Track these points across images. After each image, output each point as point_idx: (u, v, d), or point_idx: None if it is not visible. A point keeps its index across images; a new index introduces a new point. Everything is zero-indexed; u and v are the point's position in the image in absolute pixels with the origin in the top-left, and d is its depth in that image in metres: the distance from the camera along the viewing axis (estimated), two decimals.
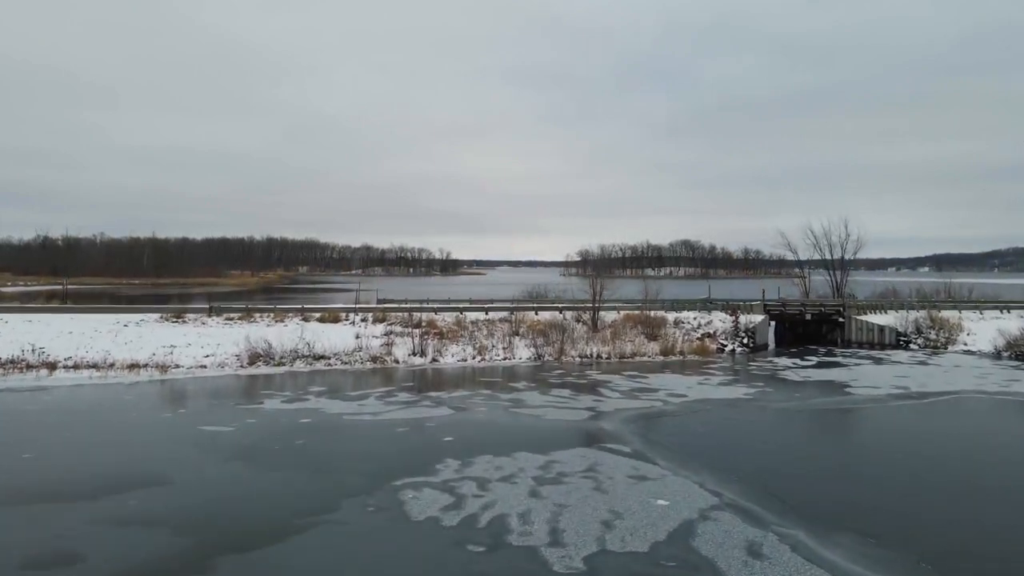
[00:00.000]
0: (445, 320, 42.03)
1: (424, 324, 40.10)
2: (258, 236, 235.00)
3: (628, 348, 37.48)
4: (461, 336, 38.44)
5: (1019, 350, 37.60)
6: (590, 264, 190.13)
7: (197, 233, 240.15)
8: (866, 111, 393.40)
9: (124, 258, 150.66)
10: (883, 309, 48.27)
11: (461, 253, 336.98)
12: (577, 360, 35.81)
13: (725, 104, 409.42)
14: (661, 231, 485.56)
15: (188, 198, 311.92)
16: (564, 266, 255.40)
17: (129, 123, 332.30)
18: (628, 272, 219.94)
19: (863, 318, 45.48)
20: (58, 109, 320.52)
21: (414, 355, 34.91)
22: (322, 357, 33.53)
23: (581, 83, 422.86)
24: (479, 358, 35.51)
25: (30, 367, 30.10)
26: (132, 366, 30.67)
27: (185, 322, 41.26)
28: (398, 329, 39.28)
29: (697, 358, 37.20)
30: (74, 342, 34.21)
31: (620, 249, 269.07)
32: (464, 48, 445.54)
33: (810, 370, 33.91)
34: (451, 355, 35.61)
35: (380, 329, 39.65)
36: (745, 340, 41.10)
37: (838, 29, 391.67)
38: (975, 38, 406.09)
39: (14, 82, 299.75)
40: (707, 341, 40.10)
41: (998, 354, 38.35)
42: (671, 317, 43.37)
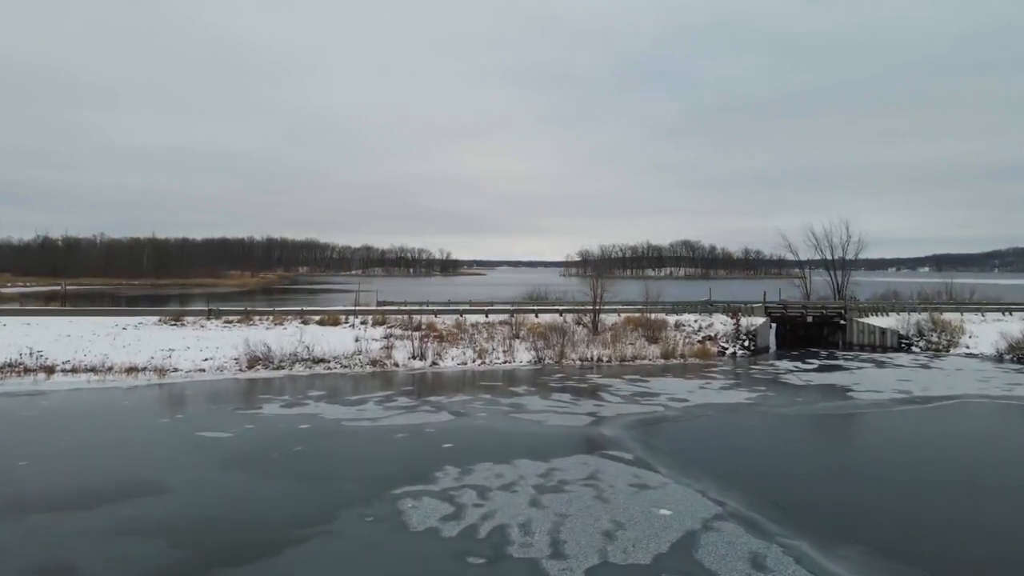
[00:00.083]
0: (445, 323, 41.87)
1: (424, 327, 39.94)
2: (258, 236, 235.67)
3: (629, 351, 37.32)
4: (461, 339, 38.28)
5: (1021, 353, 37.49)
6: (590, 264, 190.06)
7: (197, 233, 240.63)
8: (866, 111, 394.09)
9: (124, 259, 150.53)
10: (884, 311, 48.12)
11: (461, 253, 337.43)
12: (578, 363, 35.65)
13: (725, 104, 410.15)
14: (661, 231, 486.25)
15: (188, 198, 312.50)
16: (564, 266, 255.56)
17: (129, 123, 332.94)
18: (628, 272, 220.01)
19: (865, 320, 45.34)
20: (58, 109, 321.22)
21: (414, 358, 34.74)
22: (321, 360, 33.36)
23: (581, 83, 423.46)
24: (479, 361, 35.35)
25: (28, 371, 29.97)
26: (130, 370, 30.52)
27: (184, 325, 41.09)
28: (398, 332, 39.10)
29: (698, 361, 37.04)
30: (72, 345, 34.02)
31: (620, 249, 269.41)
32: (464, 48, 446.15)
33: (812, 374, 33.76)
34: (451, 358, 35.45)
35: (380, 332, 39.46)
36: (746, 343, 40.92)
37: (838, 29, 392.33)
38: (975, 38, 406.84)
39: (14, 82, 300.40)
40: (708, 344, 39.94)
41: (1000, 357, 38.22)
42: (672, 320, 43.21)
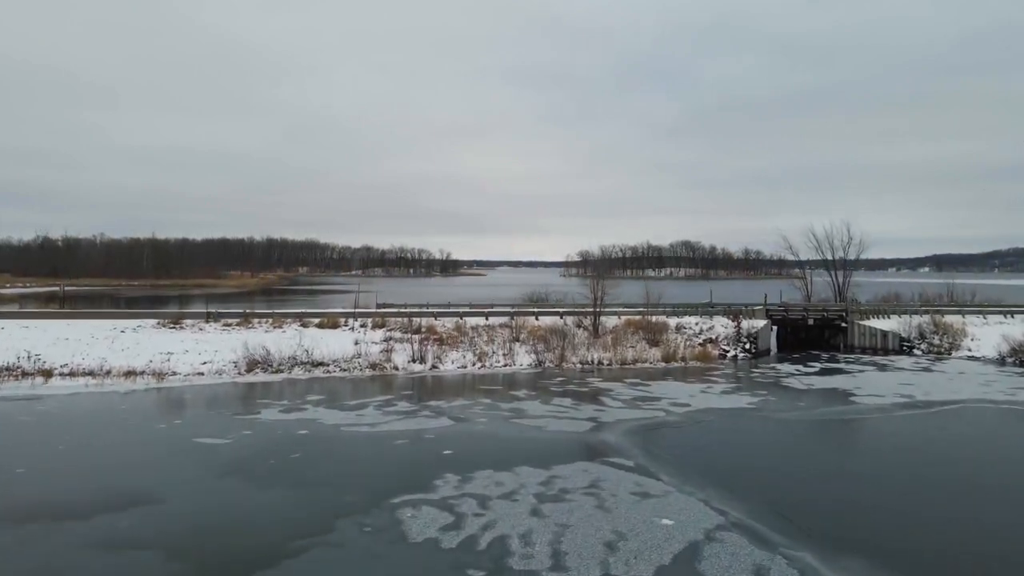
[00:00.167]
0: (445, 325, 41.69)
1: (424, 330, 39.75)
2: (258, 236, 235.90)
3: (630, 354, 37.15)
4: (461, 342, 38.11)
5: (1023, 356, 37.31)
6: (590, 265, 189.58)
7: (197, 233, 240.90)
8: (866, 111, 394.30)
9: (124, 259, 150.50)
10: (886, 314, 47.93)
11: (461, 253, 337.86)
12: (578, 367, 35.49)
13: (725, 104, 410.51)
14: (661, 231, 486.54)
15: (188, 198, 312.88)
16: (564, 267, 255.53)
17: (129, 123, 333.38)
18: (628, 273, 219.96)
19: (866, 323, 45.14)
20: (58, 109, 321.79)
21: (413, 362, 34.59)
22: (321, 364, 33.20)
23: (581, 83, 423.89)
24: (479, 365, 35.19)
25: (25, 374, 29.84)
26: (128, 373, 30.36)
27: (182, 328, 40.93)
28: (397, 335, 38.93)
29: (699, 364, 36.86)
30: (70, 348, 33.89)
31: (620, 250, 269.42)
32: (464, 48, 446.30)
33: (813, 377, 33.59)
34: (451, 362, 35.28)
35: (379, 335, 39.31)
36: (747, 346, 40.75)
37: (838, 29, 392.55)
38: (975, 38, 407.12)
39: (14, 82, 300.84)
40: (709, 347, 39.78)
41: (1002, 360, 38.05)
42: (673, 322, 43.04)
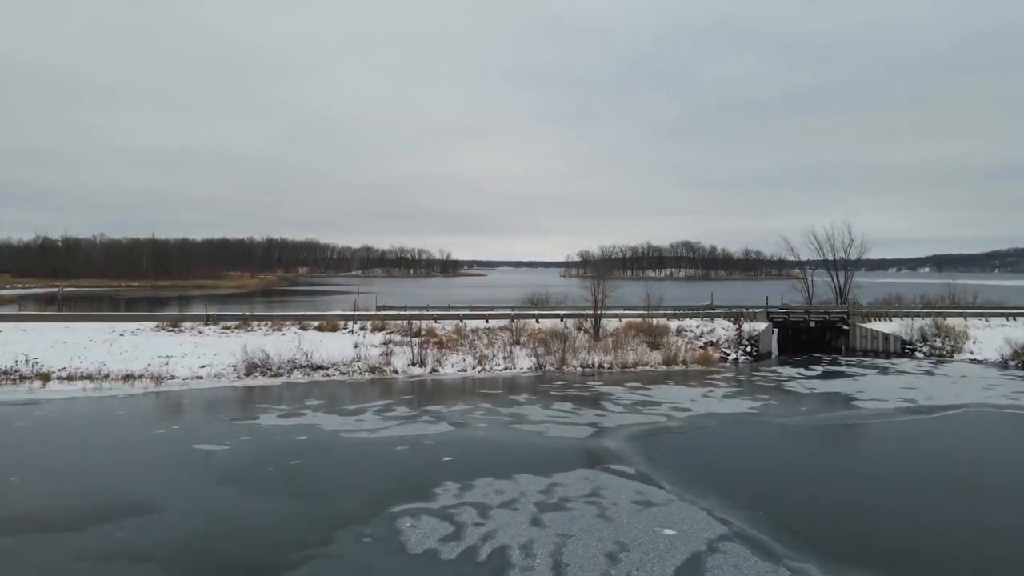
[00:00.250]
0: (445, 328, 41.49)
1: (423, 332, 39.56)
2: (258, 237, 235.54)
3: (630, 357, 36.99)
4: (461, 345, 37.93)
5: None
6: (590, 265, 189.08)
7: (197, 234, 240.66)
8: (866, 111, 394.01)
9: (124, 259, 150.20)
10: (887, 316, 47.76)
11: (461, 253, 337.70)
12: (579, 370, 35.32)
13: (725, 104, 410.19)
14: (661, 231, 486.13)
15: (188, 198, 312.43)
16: (564, 267, 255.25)
17: (129, 123, 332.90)
18: (628, 273, 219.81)
19: (867, 326, 44.97)
20: (58, 109, 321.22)
21: (413, 365, 34.42)
22: (320, 367, 33.04)
23: (581, 83, 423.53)
24: (479, 368, 35.02)
25: (23, 378, 29.71)
26: (127, 377, 30.23)
27: (181, 331, 40.75)
28: (397, 338, 38.76)
29: (700, 368, 36.69)
30: (68, 352, 33.73)
31: (620, 250, 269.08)
32: (464, 48, 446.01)
33: (815, 381, 33.42)
34: (451, 365, 35.12)
35: (379, 338, 39.13)
36: (748, 348, 40.57)
37: (838, 29, 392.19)
38: (975, 38, 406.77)
39: (14, 82, 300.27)
40: (710, 350, 39.61)
41: (1004, 363, 37.87)
42: (673, 325, 42.85)
